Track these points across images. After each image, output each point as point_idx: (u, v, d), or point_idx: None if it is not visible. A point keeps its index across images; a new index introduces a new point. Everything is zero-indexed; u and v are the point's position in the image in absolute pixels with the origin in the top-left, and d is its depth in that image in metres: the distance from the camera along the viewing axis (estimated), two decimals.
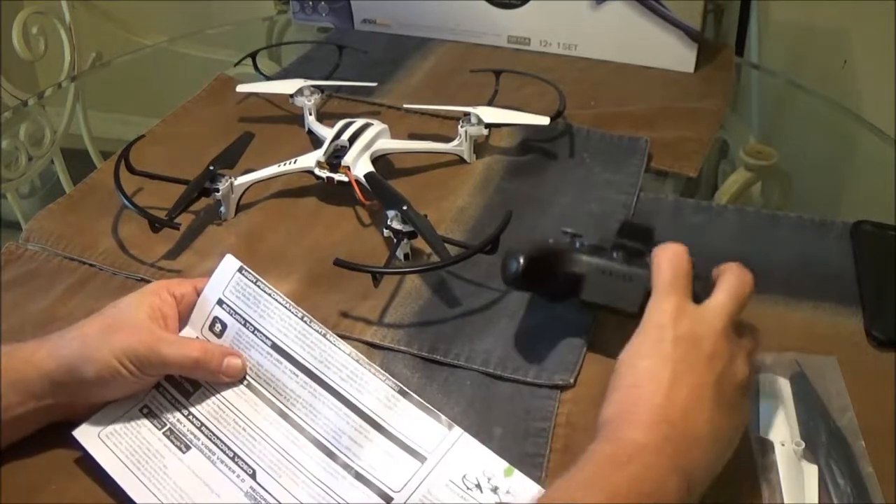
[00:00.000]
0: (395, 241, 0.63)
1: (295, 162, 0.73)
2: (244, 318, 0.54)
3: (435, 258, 0.62)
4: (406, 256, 0.64)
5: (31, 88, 1.03)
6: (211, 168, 0.70)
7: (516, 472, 0.47)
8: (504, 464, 0.48)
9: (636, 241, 0.56)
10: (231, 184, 0.70)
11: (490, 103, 0.84)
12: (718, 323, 0.47)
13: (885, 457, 0.49)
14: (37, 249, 0.68)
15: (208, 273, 0.64)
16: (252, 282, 0.55)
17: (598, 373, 0.53)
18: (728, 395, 0.45)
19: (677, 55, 0.94)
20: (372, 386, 0.51)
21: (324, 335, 0.53)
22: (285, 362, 0.52)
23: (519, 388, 0.55)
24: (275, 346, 0.53)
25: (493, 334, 0.59)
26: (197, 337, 0.54)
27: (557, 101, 0.82)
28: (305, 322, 0.53)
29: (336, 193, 0.72)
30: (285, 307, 0.54)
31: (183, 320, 0.55)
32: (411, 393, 0.51)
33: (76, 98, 1.01)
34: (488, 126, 0.78)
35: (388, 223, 0.64)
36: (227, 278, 0.55)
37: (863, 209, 0.72)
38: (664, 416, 0.43)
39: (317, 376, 0.51)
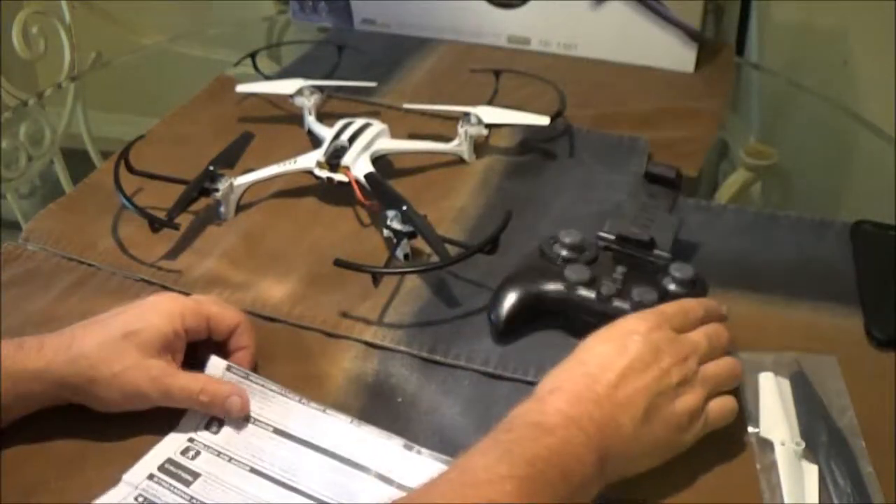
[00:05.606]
0: (394, 241, 0.63)
1: (295, 162, 0.73)
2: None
3: (435, 258, 0.62)
4: (406, 256, 0.64)
5: (31, 88, 1.03)
6: (211, 168, 0.70)
7: None
8: None
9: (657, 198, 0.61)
10: (231, 184, 0.70)
11: (490, 103, 0.84)
12: (689, 351, 0.49)
13: (885, 457, 0.49)
14: (36, 249, 0.68)
15: (209, 272, 0.65)
16: (242, 377, 0.53)
17: None
18: (667, 411, 0.46)
19: (677, 55, 0.94)
20: (379, 445, 0.50)
21: (323, 410, 0.52)
22: (290, 442, 0.51)
23: (519, 387, 0.55)
24: (277, 431, 0.51)
25: None
26: (190, 438, 0.52)
27: (557, 100, 0.81)
28: (304, 403, 0.53)
29: (336, 193, 0.72)
30: (280, 394, 0.53)
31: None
32: (417, 446, 0.50)
33: (76, 98, 1.01)
34: (488, 126, 0.78)
35: (388, 223, 0.64)
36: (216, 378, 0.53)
37: (863, 209, 0.72)
38: (596, 397, 0.45)
39: (325, 449, 0.50)
